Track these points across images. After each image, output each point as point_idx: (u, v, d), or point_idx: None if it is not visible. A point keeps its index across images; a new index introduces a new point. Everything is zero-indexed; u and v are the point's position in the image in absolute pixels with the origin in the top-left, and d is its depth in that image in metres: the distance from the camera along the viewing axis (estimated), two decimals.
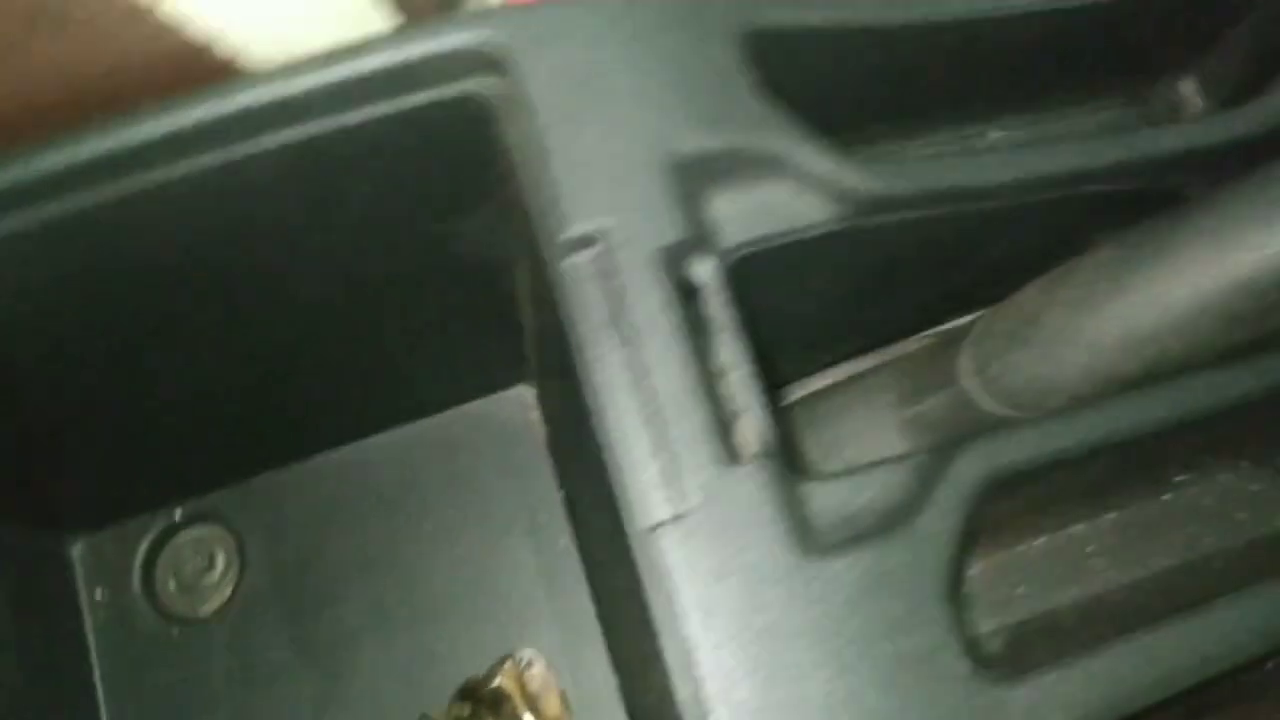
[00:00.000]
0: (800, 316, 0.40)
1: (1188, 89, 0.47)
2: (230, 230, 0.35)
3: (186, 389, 0.43)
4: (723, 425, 0.30)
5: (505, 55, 0.31)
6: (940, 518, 0.30)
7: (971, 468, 0.31)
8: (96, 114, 0.30)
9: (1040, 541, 0.39)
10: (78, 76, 0.30)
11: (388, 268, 0.40)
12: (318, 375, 0.46)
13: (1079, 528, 0.39)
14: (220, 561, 0.51)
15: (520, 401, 0.52)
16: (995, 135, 0.44)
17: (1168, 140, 0.38)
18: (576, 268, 0.31)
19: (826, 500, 0.31)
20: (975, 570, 0.38)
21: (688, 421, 0.29)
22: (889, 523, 0.30)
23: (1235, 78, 0.45)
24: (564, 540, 0.50)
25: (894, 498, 0.31)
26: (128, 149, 0.31)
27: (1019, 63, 0.42)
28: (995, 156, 0.36)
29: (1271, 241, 0.33)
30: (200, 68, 0.32)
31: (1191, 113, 0.46)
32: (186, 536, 0.51)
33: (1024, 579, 0.38)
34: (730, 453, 0.29)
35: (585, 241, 0.30)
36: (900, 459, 0.32)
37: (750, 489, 0.29)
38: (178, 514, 0.51)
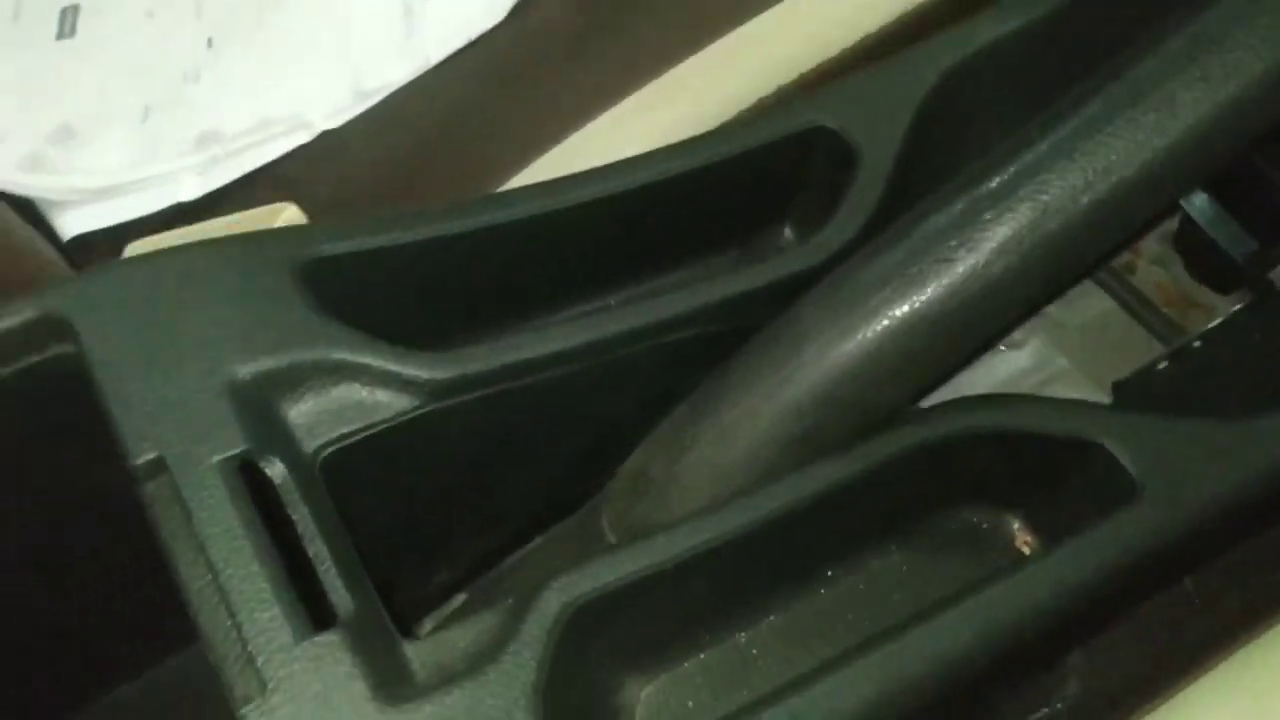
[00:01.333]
0: (431, 501, 0.42)
1: (787, 234, 0.52)
2: None
3: None
4: (307, 605, 0.31)
5: (70, 321, 0.35)
6: (525, 651, 0.32)
7: (553, 599, 0.33)
8: None
9: (705, 655, 0.40)
10: None
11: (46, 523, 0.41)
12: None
13: (741, 636, 0.41)
14: None
15: None
16: (611, 303, 0.48)
17: (728, 284, 0.42)
18: (153, 491, 0.33)
19: (426, 654, 0.33)
20: (647, 691, 0.40)
21: (261, 609, 0.31)
22: (479, 662, 0.32)
23: (815, 215, 0.50)
24: None
25: (485, 640, 0.33)
26: None
27: (619, 240, 0.47)
28: (566, 325, 0.40)
29: (800, 372, 0.38)
30: None
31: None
32: None
33: (693, 693, 0.40)
34: (308, 628, 0.31)
35: (155, 467, 0.33)
36: (496, 605, 0.34)
37: (328, 658, 0.31)
38: None
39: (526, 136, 0.57)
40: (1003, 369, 0.55)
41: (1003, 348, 0.55)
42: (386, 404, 0.37)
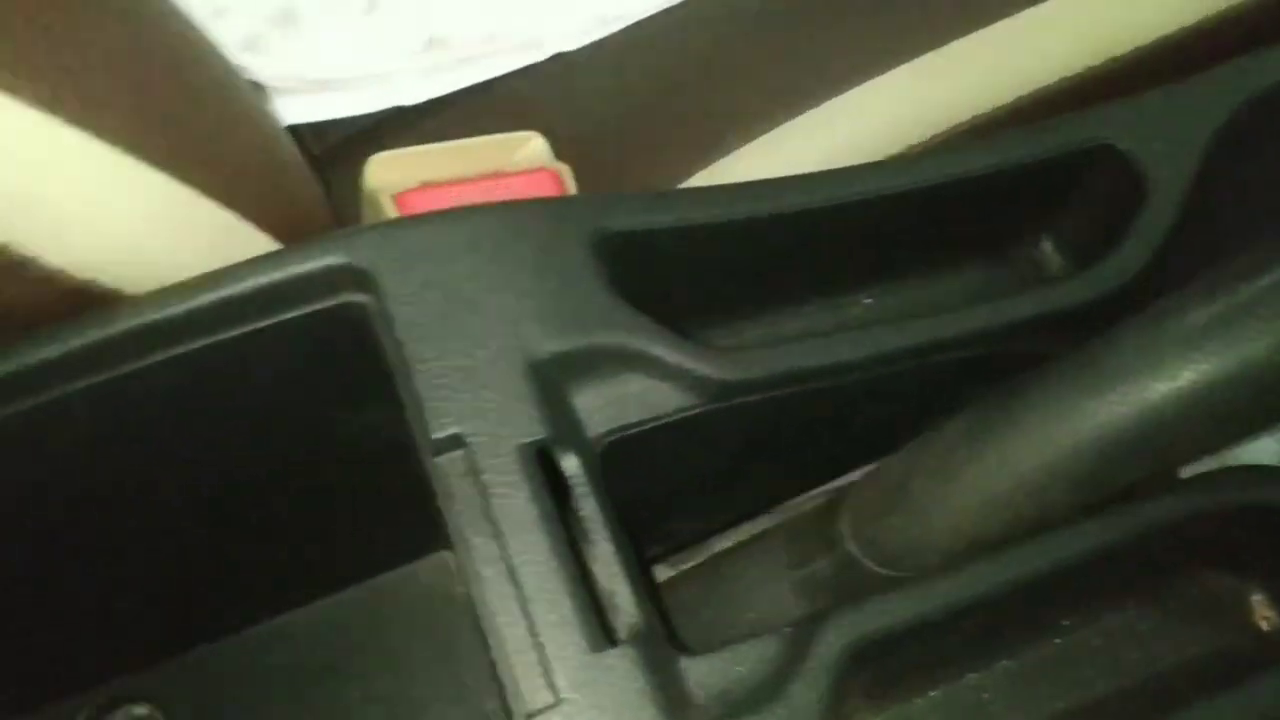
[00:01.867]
0: (683, 489, 0.41)
1: (1047, 248, 0.49)
2: (130, 434, 0.36)
3: (107, 574, 0.43)
4: (596, 611, 0.30)
5: (370, 273, 0.33)
6: (808, 689, 0.31)
7: (837, 638, 0.32)
8: None
9: (936, 693, 0.39)
10: None
11: (292, 456, 0.41)
12: (237, 555, 0.46)
13: (973, 676, 0.40)
14: None
15: (442, 567, 0.52)
16: (867, 303, 0.46)
17: (1014, 308, 0.40)
18: (447, 466, 0.32)
19: (703, 675, 0.32)
20: None
21: (556, 611, 0.30)
22: (762, 695, 0.31)
23: (1088, 235, 0.47)
24: (492, 704, 0.50)
25: (766, 670, 0.32)
26: (30, 368, 0.32)
27: (882, 238, 0.44)
28: (849, 335, 0.38)
29: (1104, 410, 0.35)
30: (89, 302, 0.33)
31: (1051, 271, 0.48)
32: (118, 718, 0.50)
33: None
34: (599, 637, 0.30)
35: (453, 442, 0.32)
36: (774, 631, 0.33)
37: (621, 673, 0.30)
38: (109, 694, 0.50)
39: (776, 96, 0.54)
40: None
41: None
42: (670, 398, 0.35)
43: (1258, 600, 0.43)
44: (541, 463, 0.32)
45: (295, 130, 0.61)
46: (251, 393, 0.36)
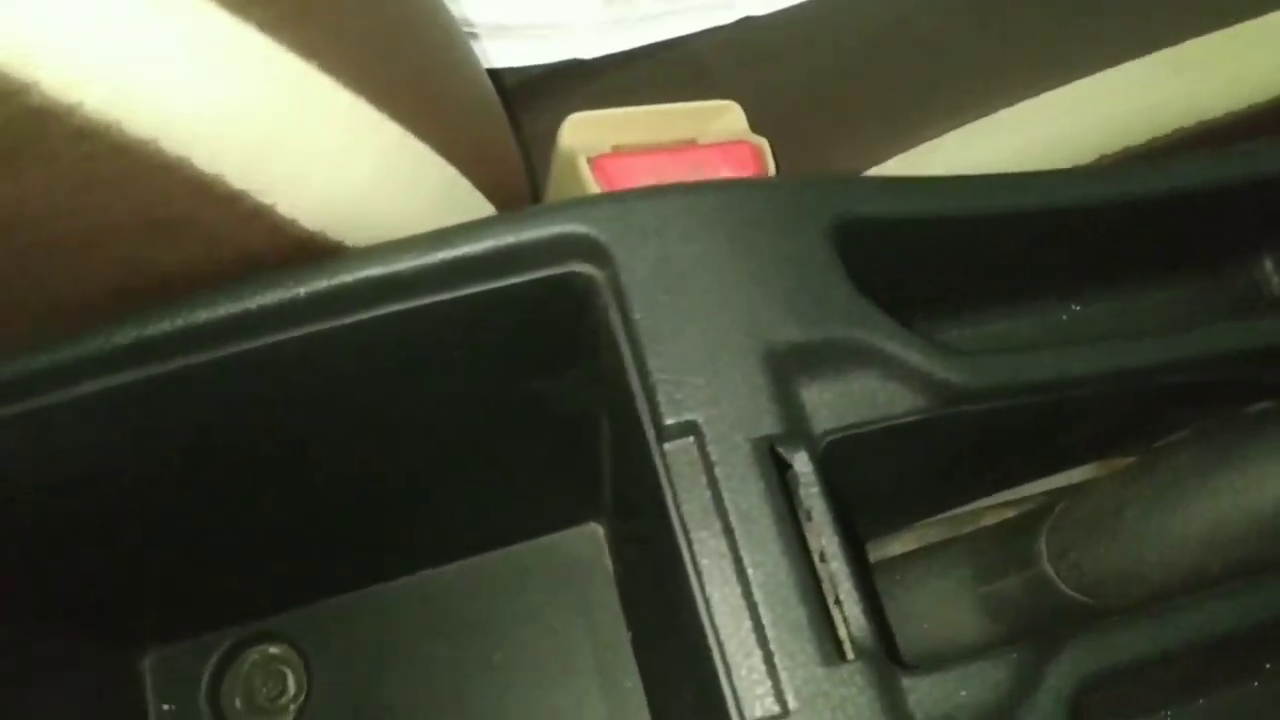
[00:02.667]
0: (884, 491, 0.39)
1: (1268, 266, 0.46)
2: (330, 388, 0.35)
3: (266, 517, 0.43)
4: (823, 619, 0.29)
5: (605, 245, 0.32)
6: None
7: (1074, 668, 0.30)
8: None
9: None
10: (197, 278, 0.30)
11: (474, 417, 0.40)
12: (396, 507, 0.46)
13: (1167, 713, 0.38)
14: (290, 684, 0.50)
15: (592, 538, 0.51)
16: (1076, 309, 0.43)
17: (1249, 335, 0.38)
18: (677, 453, 0.30)
19: (925, 695, 0.30)
20: None
21: (788, 617, 0.28)
22: None
23: None
24: (631, 681, 0.49)
25: (993, 697, 0.30)
26: (252, 314, 0.31)
27: (1100, 245, 0.42)
28: (1082, 350, 0.36)
29: None
30: (311, 254, 0.32)
31: (1270, 290, 0.46)
32: (255, 655, 0.51)
33: None
34: (830, 650, 0.28)
35: (685, 429, 0.30)
36: (997, 653, 0.31)
37: (851, 690, 0.28)
38: (249, 632, 0.50)
39: (983, 84, 0.51)
40: None
41: None
42: (902, 399, 0.33)
43: None
44: (773, 459, 0.30)
45: None
46: (460, 351, 0.35)
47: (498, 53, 0.60)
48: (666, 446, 0.30)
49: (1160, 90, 0.50)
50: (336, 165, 0.31)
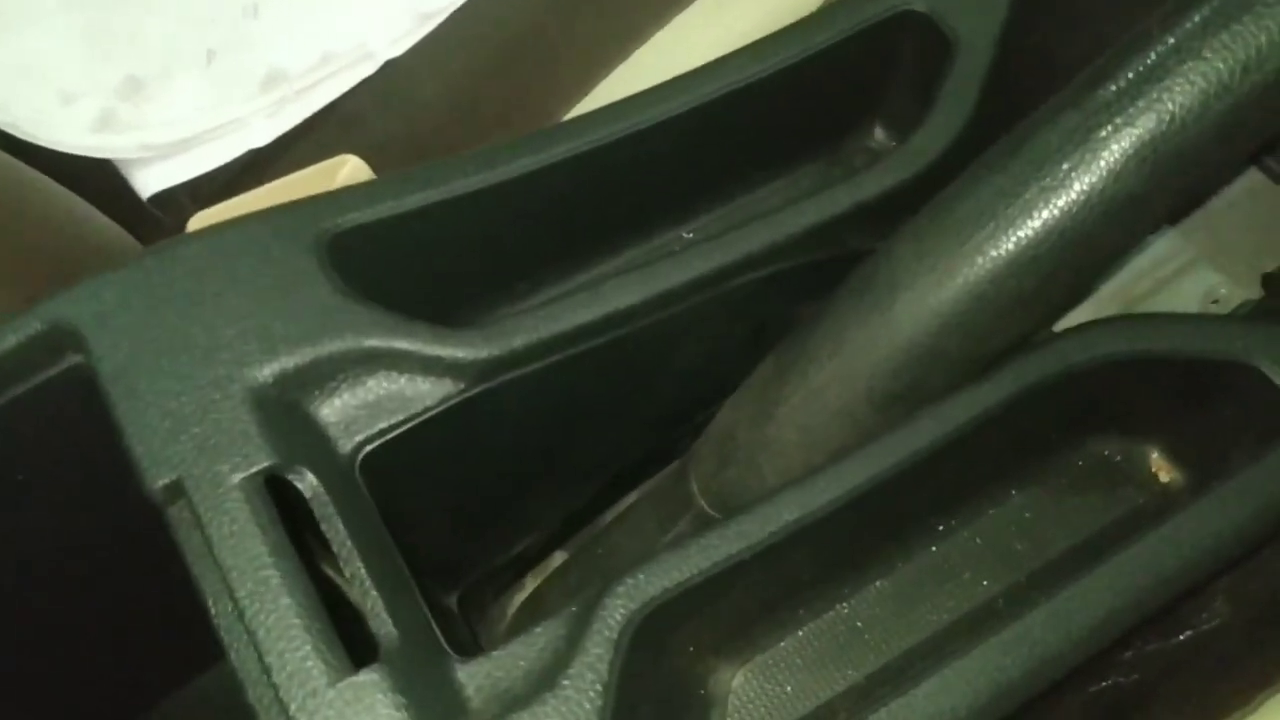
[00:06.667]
0: (501, 477, 0.37)
1: (880, 135, 0.44)
2: None
3: None
4: (331, 637, 0.27)
5: (78, 333, 0.30)
6: (587, 673, 0.27)
7: (616, 609, 0.28)
8: None
9: (804, 632, 0.35)
10: None
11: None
12: None
13: (844, 607, 0.35)
14: None
15: None
16: (688, 237, 0.41)
17: (810, 213, 0.36)
18: (176, 516, 0.28)
19: (482, 677, 0.28)
20: (739, 679, 0.34)
21: (291, 649, 0.26)
22: (539, 688, 0.27)
23: (912, 112, 0.42)
24: None
25: (550, 658, 0.28)
26: None
27: (695, 158, 0.40)
28: (621, 282, 0.34)
29: (887, 334, 0.31)
30: None
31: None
32: None
33: (792, 675, 0.34)
34: (343, 666, 0.26)
35: (174, 491, 0.28)
36: (559, 615, 0.29)
37: (371, 697, 0.26)
38: None
39: (593, 54, 0.50)
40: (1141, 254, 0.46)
41: None
42: (429, 391, 0.31)
43: (1155, 457, 0.38)
44: (277, 491, 0.29)
45: (170, 195, 0.59)
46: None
47: (186, 165, 0.59)
48: (167, 512, 0.29)
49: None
50: None
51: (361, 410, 0.31)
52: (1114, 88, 0.28)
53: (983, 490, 0.37)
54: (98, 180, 0.57)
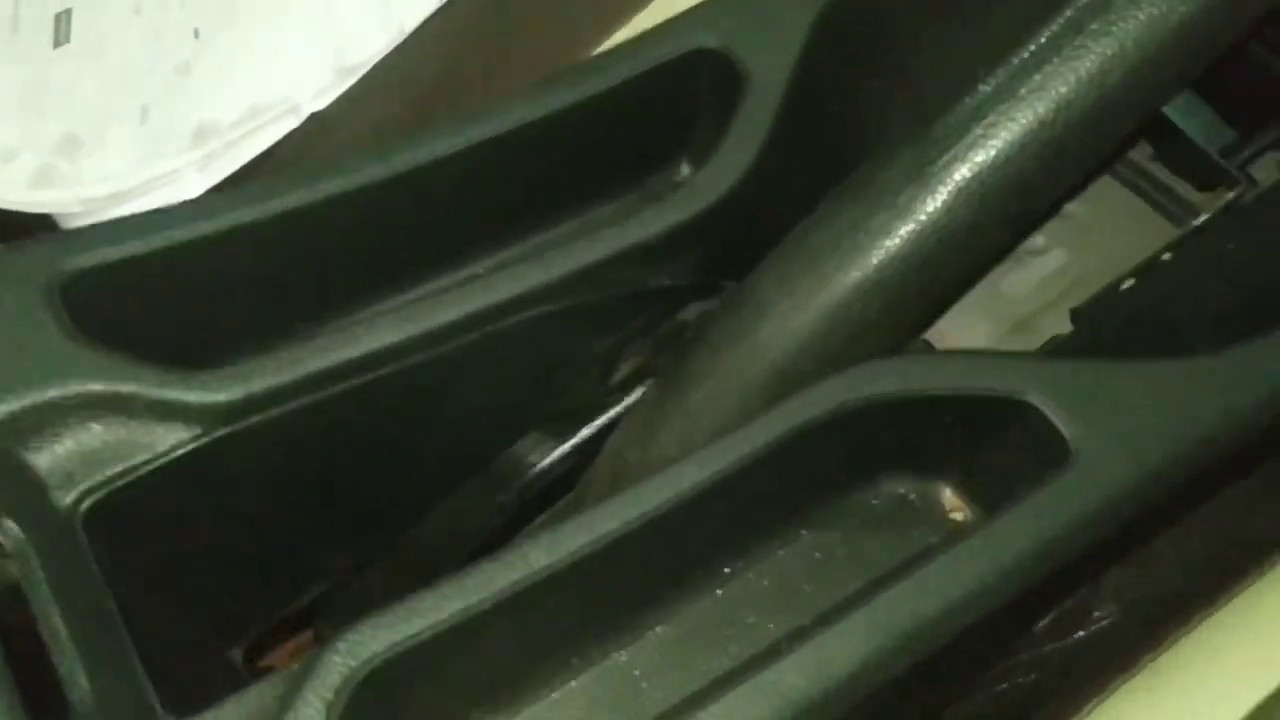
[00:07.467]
0: (271, 522, 0.35)
1: (685, 169, 0.43)
2: None
3: None
4: (19, 708, 0.25)
5: None
6: None
7: (335, 665, 0.26)
8: None
9: (577, 682, 0.33)
10: None
11: None
12: None
13: (621, 655, 0.34)
14: None
15: None
16: (484, 271, 0.40)
17: (583, 251, 0.35)
18: None
19: None
20: None
21: None
22: None
23: (713, 147, 0.41)
24: None
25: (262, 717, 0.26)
26: None
27: (490, 192, 0.39)
28: (374, 323, 0.32)
29: (754, 356, 0.33)
30: None
31: None
32: None
33: None
34: None
35: None
36: (280, 672, 0.27)
37: None
38: None
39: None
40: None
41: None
42: (160, 438, 0.30)
43: (947, 495, 0.37)
44: None
45: None
46: None
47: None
48: None
49: None
50: None
51: (87, 458, 0.29)
52: (942, 126, 0.32)
53: (772, 531, 0.36)
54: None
